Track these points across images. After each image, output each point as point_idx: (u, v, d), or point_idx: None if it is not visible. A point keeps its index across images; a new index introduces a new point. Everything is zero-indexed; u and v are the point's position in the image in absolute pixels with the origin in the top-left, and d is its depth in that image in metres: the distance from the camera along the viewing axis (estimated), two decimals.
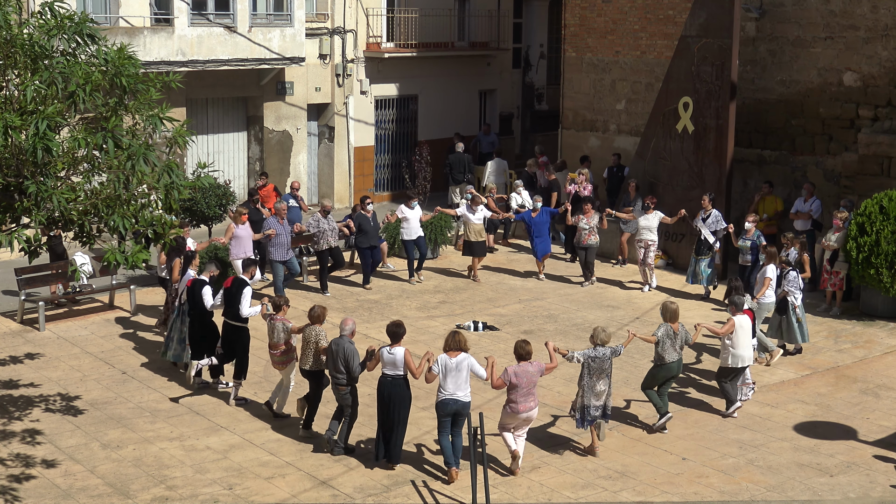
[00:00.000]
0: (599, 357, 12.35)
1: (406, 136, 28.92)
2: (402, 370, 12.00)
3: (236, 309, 14.02)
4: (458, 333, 11.96)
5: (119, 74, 10.27)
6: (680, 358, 13.26)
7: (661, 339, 13.09)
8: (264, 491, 11.67)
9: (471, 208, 20.54)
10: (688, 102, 21.02)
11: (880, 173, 19.81)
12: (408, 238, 20.31)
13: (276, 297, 13.68)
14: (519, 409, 11.82)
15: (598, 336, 12.46)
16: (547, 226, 20.73)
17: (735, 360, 13.75)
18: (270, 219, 18.79)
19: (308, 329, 12.85)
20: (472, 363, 11.80)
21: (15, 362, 15.65)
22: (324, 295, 19.30)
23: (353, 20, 26.78)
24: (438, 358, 11.84)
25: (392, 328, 12.15)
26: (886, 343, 17.01)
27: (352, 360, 12.21)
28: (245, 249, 18.10)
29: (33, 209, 9.90)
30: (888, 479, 12.12)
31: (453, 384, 11.72)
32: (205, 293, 14.38)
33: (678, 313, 13.29)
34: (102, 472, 12.05)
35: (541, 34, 32.41)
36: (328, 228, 19.28)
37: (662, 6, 23.39)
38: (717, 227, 19.14)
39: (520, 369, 11.80)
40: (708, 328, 13.90)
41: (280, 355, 13.40)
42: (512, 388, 11.79)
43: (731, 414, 13.87)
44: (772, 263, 16.04)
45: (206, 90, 23.89)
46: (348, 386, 12.38)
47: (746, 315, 13.91)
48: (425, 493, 11.65)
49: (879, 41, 20.32)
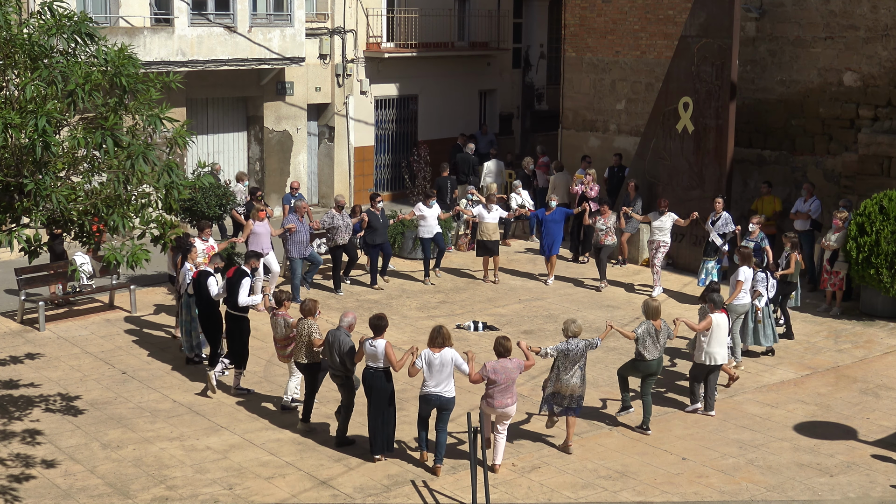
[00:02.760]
0: (572, 350, 12.45)
1: (406, 136, 28.91)
2: (382, 363, 12.08)
3: (236, 298, 14.24)
4: (443, 328, 12.02)
5: (119, 74, 10.28)
6: (660, 357, 13.33)
7: (642, 336, 13.12)
8: (264, 491, 11.67)
9: (486, 207, 20.43)
10: (688, 102, 21.02)
11: (880, 173, 19.80)
12: (426, 236, 20.27)
13: (279, 292, 13.79)
14: (495, 403, 11.92)
15: (570, 328, 12.56)
16: (560, 226, 20.50)
17: (707, 358, 13.78)
18: (291, 215, 18.89)
19: (301, 323, 13.01)
20: (455, 358, 11.90)
21: (15, 362, 15.65)
22: (337, 294, 19.29)
23: (353, 20, 26.78)
24: (422, 353, 11.94)
25: (374, 321, 12.24)
26: (886, 343, 17.01)
27: (345, 351, 12.33)
28: (262, 246, 18.16)
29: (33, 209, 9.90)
30: (888, 479, 12.12)
31: (436, 379, 11.84)
32: (210, 283, 14.72)
33: (660, 311, 13.29)
34: (102, 472, 12.05)
35: (541, 34, 32.40)
36: (342, 224, 19.25)
37: (662, 6, 23.39)
38: (726, 230, 19.12)
39: (499, 365, 11.88)
40: (686, 323, 13.88)
41: (283, 349, 13.64)
42: (490, 384, 11.89)
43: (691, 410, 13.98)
44: (745, 265, 15.78)
45: (206, 90, 23.89)
46: (342, 377, 12.50)
47: (724, 314, 13.95)
48: (425, 493, 11.65)
49: (879, 41, 20.32)
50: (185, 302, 15.42)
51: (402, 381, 13.38)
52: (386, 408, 12.24)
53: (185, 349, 15.67)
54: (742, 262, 15.83)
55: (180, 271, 15.75)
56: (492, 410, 12.00)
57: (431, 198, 20.62)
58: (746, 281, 15.56)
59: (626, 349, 15.92)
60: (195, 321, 15.33)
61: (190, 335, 15.53)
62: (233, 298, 14.34)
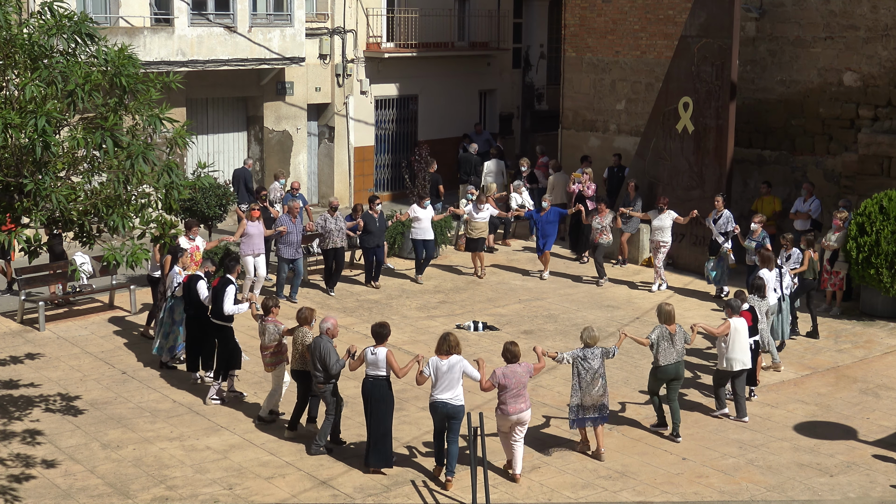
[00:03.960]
0: (588, 358, 12.33)
1: (406, 136, 28.91)
2: (384, 371, 11.95)
3: (220, 307, 14.09)
4: (450, 335, 11.85)
5: (119, 74, 10.28)
6: (680, 360, 13.11)
7: (656, 341, 12.97)
8: (264, 491, 11.67)
9: (476, 206, 20.62)
10: (688, 102, 21.02)
11: (880, 173, 19.80)
12: (418, 237, 20.30)
13: (267, 299, 13.64)
14: (509, 410, 11.74)
15: (587, 336, 12.44)
16: (555, 226, 20.58)
17: (729, 364, 13.61)
18: (283, 216, 18.81)
19: (296, 331, 12.91)
20: (464, 365, 11.73)
21: (15, 362, 15.65)
22: (329, 294, 19.29)
23: (353, 20, 26.78)
24: (430, 360, 11.78)
25: (376, 328, 12.13)
26: (886, 343, 17.01)
27: (327, 357, 12.23)
28: (255, 247, 18.09)
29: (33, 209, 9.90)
30: (888, 479, 12.12)
31: (444, 387, 11.64)
32: (200, 287, 14.44)
33: (674, 315, 13.16)
34: (102, 472, 12.05)
35: (541, 34, 32.40)
36: (335, 228, 19.25)
37: (662, 6, 23.40)
38: (727, 228, 19.13)
39: (508, 370, 11.75)
40: (704, 328, 13.78)
41: (270, 356, 13.39)
42: (501, 390, 11.74)
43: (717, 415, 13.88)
44: (765, 267, 15.74)
45: (206, 90, 23.89)
46: (326, 384, 12.41)
47: (744, 318, 13.77)
48: (425, 493, 11.65)
49: (879, 41, 20.32)
50: (169, 305, 15.18)
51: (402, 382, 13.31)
52: (385, 419, 11.99)
53: (158, 350, 15.31)
54: (763, 264, 15.82)
55: (168, 273, 15.54)
56: (507, 419, 11.79)
57: (425, 199, 20.68)
58: (768, 282, 15.46)
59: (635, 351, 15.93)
60: (176, 324, 15.12)
61: (167, 337, 15.20)
62: (217, 307, 14.11)
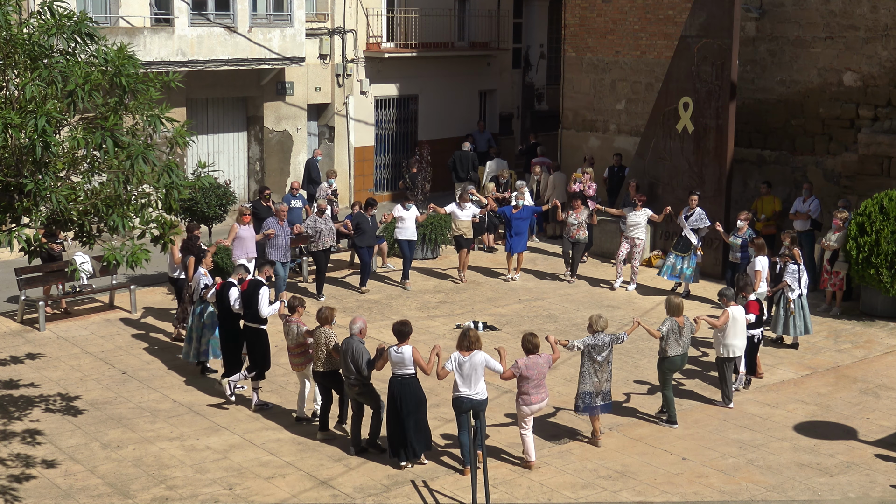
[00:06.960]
0: (599, 344, 12.61)
1: (406, 136, 28.91)
2: (411, 369, 12.04)
3: (254, 310, 13.98)
4: (470, 331, 12.02)
5: (119, 74, 10.27)
6: (685, 352, 13.47)
7: (666, 333, 13.28)
8: (264, 491, 11.67)
9: (459, 205, 20.71)
10: (688, 102, 21.02)
11: (880, 173, 19.80)
12: (402, 238, 20.30)
13: (293, 298, 13.62)
14: (532, 400, 12.02)
15: (597, 323, 12.70)
16: (526, 224, 20.62)
17: (727, 350, 14.01)
18: (270, 219, 18.72)
19: (318, 331, 12.85)
20: (486, 359, 11.91)
21: (15, 362, 15.65)
22: (318, 299, 19.04)
23: (353, 20, 26.78)
24: (452, 356, 11.91)
25: (398, 327, 12.18)
26: (886, 343, 17.01)
27: (360, 358, 12.23)
28: (247, 250, 18.07)
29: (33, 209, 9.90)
30: (888, 479, 12.12)
31: (467, 381, 11.81)
32: (231, 294, 14.22)
33: (682, 307, 13.48)
34: (102, 472, 12.05)
35: (541, 34, 32.41)
36: (325, 229, 19.22)
37: (662, 6, 23.39)
38: (700, 225, 19.14)
39: (530, 361, 12.00)
40: (707, 321, 14.08)
41: (297, 357, 13.43)
42: (523, 380, 11.99)
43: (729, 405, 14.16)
44: (761, 255, 16.30)
45: (206, 90, 23.89)
46: (360, 385, 12.38)
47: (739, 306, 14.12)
48: (425, 493, 11.65)
49: (879, 41, 20.32)
50: (198, 310, 15.08)
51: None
52: (418, 414, 12.12)
53: (185, 355, 15.27)
54: (758, 252, 16.41)
55: (193, 276, 15.54)
56: (529, 410, 12.08)
57: (409, 200, 20.73)
58: (763, 269, 16.06)
59: (635, 350, 15.94)
60: (207, 328, 14.99)
61: (199, 342, 15.08)
62: (251, 311, 14.01)
